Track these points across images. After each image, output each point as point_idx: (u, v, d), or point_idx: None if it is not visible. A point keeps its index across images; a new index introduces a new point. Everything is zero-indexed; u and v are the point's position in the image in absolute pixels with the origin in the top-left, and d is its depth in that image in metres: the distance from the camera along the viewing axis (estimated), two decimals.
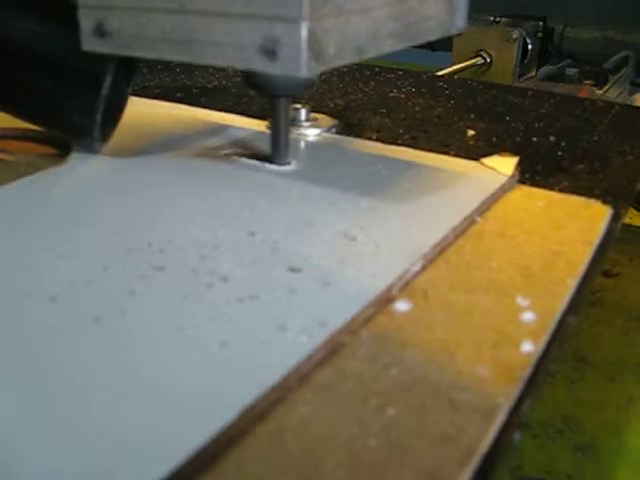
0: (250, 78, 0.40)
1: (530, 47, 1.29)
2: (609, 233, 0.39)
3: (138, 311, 0.26)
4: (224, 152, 0.44)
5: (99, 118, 0.41)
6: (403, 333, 0.26)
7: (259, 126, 0.50)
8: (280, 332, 0.25)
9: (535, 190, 0.42)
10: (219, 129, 0.49)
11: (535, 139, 0.56)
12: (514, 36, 1.24)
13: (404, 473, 0.19)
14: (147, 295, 0.27)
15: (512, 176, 0.42)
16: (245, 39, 0.30)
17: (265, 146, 0.44)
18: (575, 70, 1.17)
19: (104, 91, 0.40)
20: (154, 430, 0.20)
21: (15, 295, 0.27)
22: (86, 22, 0.34)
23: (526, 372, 0.24)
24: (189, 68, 0.71)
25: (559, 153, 0.52)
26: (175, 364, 0.23)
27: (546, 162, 0.50)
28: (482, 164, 0.44)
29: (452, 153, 0.49)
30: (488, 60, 1.25)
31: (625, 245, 0.72)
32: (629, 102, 1.08)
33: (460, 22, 0.43)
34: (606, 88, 0.97)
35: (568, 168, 0.49)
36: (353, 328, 0.26)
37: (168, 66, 0.72)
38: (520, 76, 1.27)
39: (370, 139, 0.52)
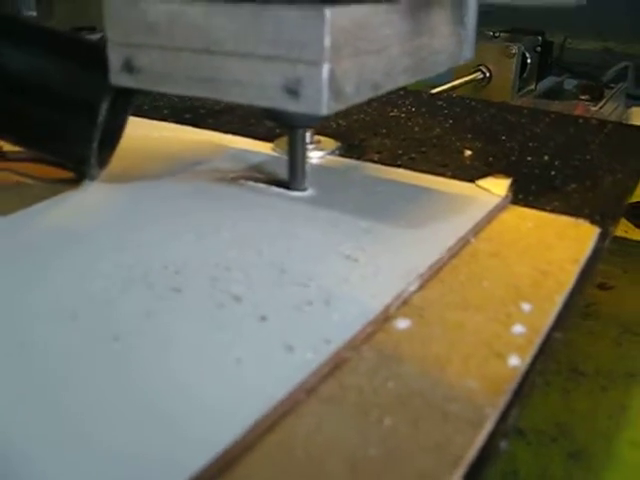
0: (268, 111, 0.42)
1: (529, 61, 1.31)
2: (596, 252, 0.41)
3: (155, 331, 0.28)
4: (233, 176, 0.46)
5: (95, 146, 0.42)
6: (400, 349, 0.28)
7: (266, 148, 0.53)
8: (289, 350, 0.27)
9: (527, 210, 0.44)
10: (233, 153, 0.51)
11: (530, 158, 0.58)
12: (513, 51, 1.26)
13: (397, 474, 0.22)
14: (164, 315, 0.29)
15: (505, 197, 0.45)
16: (269, 79, 0.32)
17: (278, 170, 0.47)
18: (573, 84, 1.19)
19: (100, 119, 0.41)
20: (172, 439, 0.22)
21: (37, 312, 0.30)
22: (115, 58, 0.37)
23: (512, 384, 0.27)
24: None
25: (552, 172, 0.55)
26: (191, 379, 0.25)
27: (539, 182, 0.52)
28: (477, 185, 0.46)
29: (449, 174, 0.52)
30: (488, 75, 1.27)
31: (620, 258, 0.74)
32: (625, 116, 1.10)
33: (468, 53, 0.45)
34: (601, 104, 1.00)
35: (560, 187, 0.51)
36: (355, 345, 0.28)
37: None
38: (519, 90, 1.29)
39: (371, 160, 0.54)
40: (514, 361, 0.28)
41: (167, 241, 0.36)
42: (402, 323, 0.30)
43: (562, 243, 0.39)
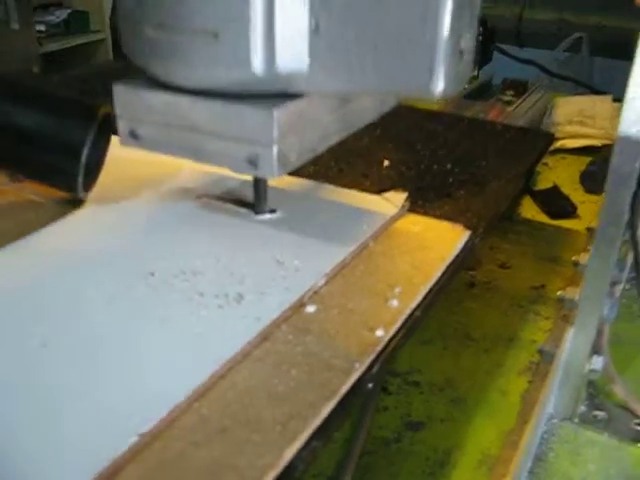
0: None
1: None
2: (465, 249, 0.56)
3: (144, 319, 0.43)
4: (202, 197, 0.60)
5: (81, 179, 0.56)
6: (308, 326, 0.44)
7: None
8: (233, 325, 0.42)
9: (418, 217, 0.59)
10: (197, 176, 0.65)
11: (435, 167, 0.73)
12: None
13: (296, 403, 0.37)
14: (151, 308, 0.44)
15: (402, 207, 0.60)
16: (236, 153, 0.46)
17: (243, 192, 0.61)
18: (500, 80, 1.32)
19: (83, 160, 0.55)
20: (152, 382, 0.38)
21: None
22: (122, 128, 0.50)
23: (376, 348, 0.42)
24: None
25: (450, 180, 0.69)
26: (165, 346, 0.41)
27: (437, 190, 0.67)
28: (382, 197, 0.61)
29: (368, 183, 0.66)
30: None
31: (525, 238, 0.88)
32: (550, 105, 1.23)
33: (392, 101, 0.58)
34: (517, 104, 1.14)
35: (453, 193, 0.66)
36: (277, 323, 0.43)
37: None
38: None
39: (308, 171, 0.68)
40: (379, 333, 0.43)
41: (151, 254, 0.51)
42: (311, 308, 0.45)
43: (437, 244, 0.55)
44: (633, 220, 0.58)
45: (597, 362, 0.55)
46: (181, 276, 0.47)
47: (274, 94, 0.46)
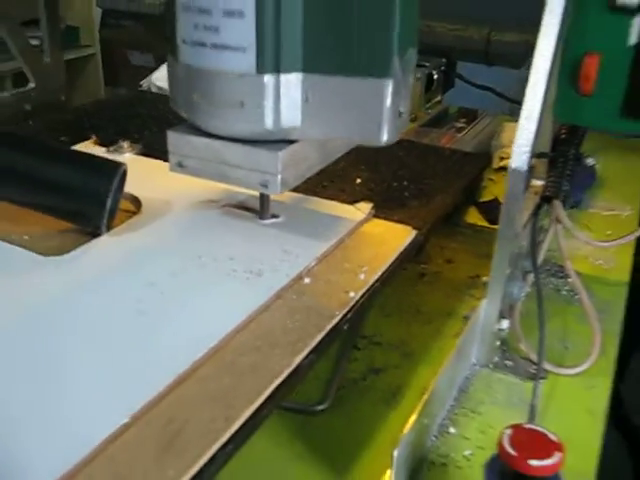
0: None
1: (435, 77, 1.65)
2: (413, 243, 0.79)
3: (182, 290, 0.66)
4: (224, 207, 0.83)
5: (105, 221, 0.71)
6: (304, 291, 0.67)
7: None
8: (257, 289, 0.65)
9: (380, 221, 0.82)
10: (227, 193, 0.87)
11: (395, 184, 0.95)
12: (418, 75, 1.62)
13: (300, 333, 0.60)
14: (193, 280, 0.67)
15: (368, 214, 0.83)
16: (252, 179, 0.68)
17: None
18: (455, 109, 1.54)
19: (107, 207, 0.70)
20: (179, 331, 0.60)
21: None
22: (172, 159, 0.72)
23: (349, 304, 0.65)
24: None
25: (405, 194, 0.92)
26: (207, 302, 0.63)
27: (395, 201, 0.89)
28: (355, 207, 0.84)
29: (344, 196, 0.89)
30: None
31: (467, 239, 1.09)
32: (499, 129, 1.44)
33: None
34: (466, 131, 1.36)
35: (407, 204, 0.89)
36: (285, 289, 0.66)
37: None
38: (428, 100, 1.63)
39: (300, 187, 0.89)
40: (352, 294, 0.66)
41: (196, 245, 0.74)
42: (307, 280, 0.69)
43: (392, 240, 0.78)
44: (534, 227, 0.81)
45: (504, 324, 0.78)
46: (219, 259, 0.70)
47: (279, 140, 0.69)
